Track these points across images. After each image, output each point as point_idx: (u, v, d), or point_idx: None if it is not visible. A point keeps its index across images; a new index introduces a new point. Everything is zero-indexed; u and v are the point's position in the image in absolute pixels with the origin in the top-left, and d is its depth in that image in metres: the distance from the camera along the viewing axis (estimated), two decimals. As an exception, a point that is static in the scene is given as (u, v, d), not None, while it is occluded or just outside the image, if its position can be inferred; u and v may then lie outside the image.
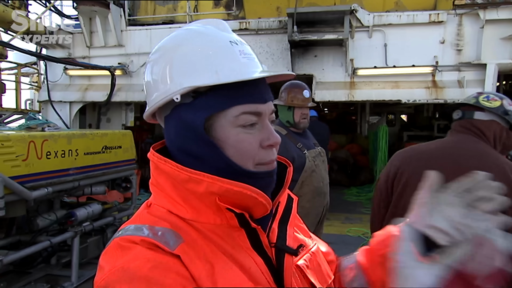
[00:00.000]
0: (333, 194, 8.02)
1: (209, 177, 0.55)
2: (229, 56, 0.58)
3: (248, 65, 0.59)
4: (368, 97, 6.19)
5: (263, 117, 0.60)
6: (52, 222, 3.33)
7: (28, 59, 8.53)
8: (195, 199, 0.58)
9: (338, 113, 13.77)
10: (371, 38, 6.16)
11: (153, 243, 0.51)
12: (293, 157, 2.12)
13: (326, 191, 2.33)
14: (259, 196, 0.57)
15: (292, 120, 2.27)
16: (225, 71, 0.57)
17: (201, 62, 0.57)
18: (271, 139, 0.60)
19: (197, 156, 0.59)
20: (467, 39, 5.85)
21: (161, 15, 7.90)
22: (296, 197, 0.74)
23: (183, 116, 0.59)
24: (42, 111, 7.45)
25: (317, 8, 6.03)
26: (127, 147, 4.22)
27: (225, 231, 0.58)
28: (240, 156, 0.58)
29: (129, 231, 0.55)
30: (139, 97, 6.93)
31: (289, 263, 0.61)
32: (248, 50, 0.62)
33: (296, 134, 2.30)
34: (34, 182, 2.88)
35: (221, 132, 0.58)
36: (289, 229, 0.66)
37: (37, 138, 2.95)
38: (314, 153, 2.28)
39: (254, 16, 6.82)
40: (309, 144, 2.32)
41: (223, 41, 0.60)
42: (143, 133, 9.02)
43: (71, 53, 7.27)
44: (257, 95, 0.59)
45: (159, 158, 0.60)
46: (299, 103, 2.24)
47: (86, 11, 6.70)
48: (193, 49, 0.59)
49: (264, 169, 0.61)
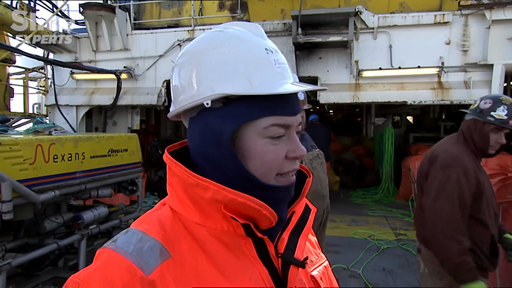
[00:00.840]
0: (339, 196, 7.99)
1: (215, 185, 0.55)
2: (264, 65, 0.56)
3: (282, 76, 0.57)
4: (373, 98, 6.16)
5: (291, 129, 0.59)
6: (59, 225, 3.35)
7: (35, 63, 8.63)
8: (204, 204, 0.57)
9: (344, 115, 13.72)
10: (376, 39, 6.14)
11: (131, 265, 0.51)
12: None
13: (325, 194, 2.31)
14: (263, 209, 0.56)
15: None
16: (259, 81, 0.54)
17: (234, 68, 0.55)
18: (297, 152, 0.59)
19: (215, 163, 0.58)
20: (473, 40, 5.81)
21: (166, 18, 7.96)
22: (315, 208, 0.72)
23: (210, 121, 0.57)
24: (49, 115, 7.53)
25: (321, 10, 6.03)
26: (133, 150, 4.24)
27: (232, 238, 0.58)
28: (263, 168, 0.57)
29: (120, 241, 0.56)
30: (144, 100, 6.98)
31: (293, 275, 0.60)
32: (282, 59, 0.60)
33: None
34: (41, 185, 2.91)
35: (248, 143, 0.56)
36: (300, 240, 0.64)
37: (44, 142, 2.98)
38: (311, 156, 2.28)
39: (259, 19, 6.84)
40: (306, 147, 2.26)
41: (259, 48, 0.57)
42: (149, 136, 9.07)
43: (78, 57, 7.35)
44: (288, 108, 0.58)
45: (171, 160, 0.59)
46: None
47: (92, 15, 6.77)
48: (227, 53, 0.56)
49: (283, 182, 0.60)
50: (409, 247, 4.62)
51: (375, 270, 3.98)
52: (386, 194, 7.97)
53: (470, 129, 1.81)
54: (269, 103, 0.56)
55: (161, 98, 6.92)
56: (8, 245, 3.04)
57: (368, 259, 4.24)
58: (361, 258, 4.24)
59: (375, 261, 4.23)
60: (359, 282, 3.70)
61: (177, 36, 6.94)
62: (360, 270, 3.92)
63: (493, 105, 1.74)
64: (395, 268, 4.04)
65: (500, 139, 1.73)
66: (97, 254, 0.56)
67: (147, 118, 9.35)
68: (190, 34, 6.87)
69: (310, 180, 0.68)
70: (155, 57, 7.02)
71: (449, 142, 1.91)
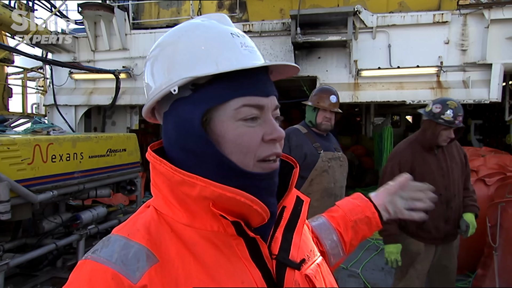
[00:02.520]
0: (338, 196, 7.92)
1: (202, 180, 0.52)
2: (229, 47, 0.56)
3: (249, 57, 0.57)
4: (372, 98, 6.16)
5: (265, 111, 0.57)
6: (58, 225, 3.35)
7: (34, 63, 8.61)
8: (191, 203, 0.54)
9: (343, 115, 13.68)
10: (375, 39, 6.14)
11: (117, 275, 0.48)
12: (304, 154, 2.28)
13: (338, 194, 2.35)
14: (254, 203, 0.53)
15: (314, 121, 2.42)
16: (225, 62, 0.54)
17: (200, 53, 0.55)
18: (274, 133, 0.56)
19: (196, 153, 0.55)
20: (472, 39, 5.81)
21: (165, 18, 7.95)
22: (308, 198, 0.70)
23: (181, 110, 0.56)
24: (48, 115, 7.52)
25: (320, 10, 6.02)
26: (132, 150, 4.24)
27: (222, 239, 0.54)
28: (240, 152, 0.54)
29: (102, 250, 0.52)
30: (143, 100, 6.91)
31: (290, 279, 0.57)
32: (249, 42, 0.59)
33: (317, 135, 2.44)
34: (39, 185, 2.90)
35: (221, 127, 0.54)
36: (295, 237, 0.61)
37: (42, 142, 2.97)
38: (331, 155, 2.36)
39: (258, 18, 6.83)
40: (328, 146, 2.42)
41: (223, 33, 0.57)
42: (148, 136, 9.05)
43: (76, 57, 7.33)
44: (259, 88, 0.56)
45: (155, 158, 0.56)
46: (324, 106, 2.38)
47: (90, 15, 6.76)
48: (192, 41, 0.56)
49: (265, 169, 0.56)
50: (408, 247, 4.62)
51: (374, 270, 3.98)
52: (385, 194, 7.94)
53: (425, 127, 2.32)
54: (237, 84, 0.55)
55: (160, 98, 6.90)
56: (6, 245, 3.04)
57: (367, 258, 4.24)
58: (360, 258, 4.24)
59: (374, 260, 4.23)
60: (358, 281, 3.70)
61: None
62: (359, 269, 3.92)
63: (442, 109, 2.21)
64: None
65: (450, 134, 2.22)
66: (77, 266, 0.52)
67: (146, 118, 9.32)
68: (189, 33, 6.86)
69: (297, 171, 0.66)
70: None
71: (405, 139, 2.55)
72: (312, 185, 2.29)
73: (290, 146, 2.34)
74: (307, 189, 2.26)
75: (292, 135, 2.40)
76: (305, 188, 2.26)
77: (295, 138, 2.37)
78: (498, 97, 5.52)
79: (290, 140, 2.36)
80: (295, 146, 2.34)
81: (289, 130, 2.46)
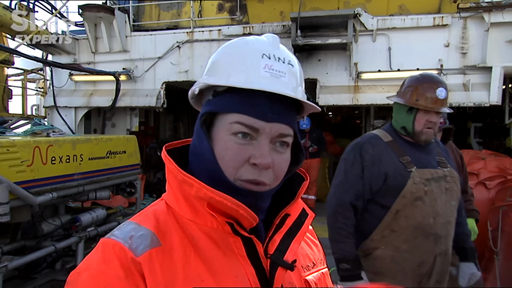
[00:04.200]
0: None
1: (197, 182, 0.57)
2: (250, 65, 0.58)
3: (266, 80, 0.57)
4: (372, 101, 6.16)
5: (261, 134, 0.58)
6: (57, 227, 3.33)
7: (34, 65, 8.62)
8: (193, 200, 0.60)
9: (343, 117, 13.72)
10: (375, 42, 6.14)
11: (123, 248, 0.55)
12: (385, 173, 1.62)
13: (441, 234, 1.61)
14: (240, 208, 0.56)
15: (410, 127, 1.65)
16: (236, 77, 0.58)
17: (222, 65, 0.61)
18: (258, 158, 0.57)
19: (198, 154, 0.61)
20: (472, 42, 5.81)
21: (165, 20, 7.96)
22: (313, 213, 0.70)
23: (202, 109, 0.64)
24: (48, 117, 7.51)
25: (320, 13, 6.03)
26: (132, 152, 4.23)
27: (221, 236, 0.59)
28: (223, 162, 0.58)
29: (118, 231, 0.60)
30: (143, 102, 6.96)
31: (280, 277, 0.60)
32: (280, 67, 0.59)
33: (409, 144, 1.70)
34: (39, 187, 2.89)
35: (216, 134, 0.59)
36: (293, 244, 0.63)
37: (42, 144, 2.96)
38: (430, 175, 1.63)
39: (258, 21, 6.84)
40: (425, 161, 1.67)
41: (255, 52, 0.59)
42: (148, 138, 9.05)
43: (76, 59, 7.33)
44: (260, 111, 0.57)
45: (166, 156, 0.62)
46: (427, 105, 1.61)
47: (91, 17, 6.76)
48: (224, 54, 0.63)
49: (244, 186, 0.58)
50: (408, 250, 4.60)
51: (374, 273, 3.96)
52: (385, 196, 7.94)
53: None
54: (241, 101, 0.58)
55: (160, 100, 6.90)
56: (5, 247, 3.02)
57: (367, 261, 4.22)
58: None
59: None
60: (358, 285, 3.68)
61: (176, 38, 6.93)
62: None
63: None
64: (394, 271, 4.02)
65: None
66: (96, 245, 0.60)
67: (146, 120, 9.33)
68: (189, 36, 6.87)
69: (307, 183, 0.67)
70: (154, 59, 7.00)
71: None
72: (398, 219, 1.60)
73: (363, 162, 1.65)
74: (391, 224, 1.60)
75: (366, 147, 1.68)
76: (388, 223, 1.61)
77: (371, 150, 1.67)
78: (498, 100, 5.52)
79: (363, 153, 1.67)
80: (370, 162, 1.64)
81: (363, 138, 1.77)
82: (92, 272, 0.53)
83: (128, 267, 0.53)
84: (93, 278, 0.53)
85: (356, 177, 1.66)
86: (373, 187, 1.64)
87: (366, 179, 1.64)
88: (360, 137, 1.82)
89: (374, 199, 1.66)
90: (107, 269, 0.53)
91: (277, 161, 0.59)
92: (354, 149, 1.72)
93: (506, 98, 6.26)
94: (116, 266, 0.53)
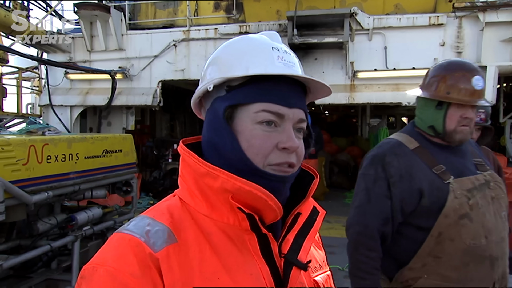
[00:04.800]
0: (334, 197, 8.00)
1: (224, 173, 0.56)
2: (264, 57, 0.60)
3: (282, 69, 0.60)
4: (368, 99, 6.19)
5: (285, 120, 0.60)
6: (53, 226, 3.32)
7: (29, 63, 8.56)
8: (212, 195, 0.59)
9: (339, 116, 13.77)
10: (371, 40, 6.17)
11: (140, 243, 0.54)
12: (419, 190, 1.31)
13: (496, 255, 1.31)
14: (269, 199, 0.56)
15: (441, 126, 1.36)
16: (254, 68, 0.59)
17: (237, 59, 0.61)
18: (287, 142, 0.59)
19: (218, 147, 0.61)
20: (467, 42, 5.86)
21: (161, 19, 7.94)
22: (324, 211, 0.70)
23: (214, 106, 0.62)
24: (43, 115, 7.47)
25: (317, 11, 6.05)
26: (128, 150, 4.22)
27: (236, 232, 0.59)
28: (250, 151, 0.58)
29: (130, 225, 0.58)
30: (139, 100, 6.94)
31: (295, 277, 0.60)
32: (289, 58, 0.63)
33: (441, 148, 1.39)
34: (34, 186, 2.87)
35: (241, 125, 0.59)
36: (306, 243, 0.64)
37: (38, 142, 2.95)
38: (470, 184, 1.33)
39: (254, 20, 6.84)
40: (461, 167, 1.37)
41: (264, 45, 0.62)
42: (144, 137, 9.02)
43: (72, 57, 7.30)
44: (282, 97, 0.59)
45: (185, 150, 0.62)
46: (462, 98, 1.32)
47: (86, 15, 6.73)
48: (234, 49, 0.63)
49: (275, 170, 0.59)
50: (403, 248, 4.64)
51: (370, 271, 3.99)
52: (381, 195, 7.98)
53: None
54: (263, 90, 0.59)
55: (156, 99, 6.89)
56: (0, 246, 3.01)
57: (363, 259, 4.25)
58: (356, 259, 4.24)
59: (370, 261, 4.24)
60: (354, 282, 3.70)
61: (172, 36, 6.91)
62: (355, 270, 3.93)
63: None
64: (390, 268, 4.05)
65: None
66: (108, 240, 0.59)
67: (142, 118, 9.31)
68: (185, 34, 6.85)
69: (317, 181, 0.68)
70: (150, 57, 6.99)
71: None
72: (442, 244, 1.29)
73: (389, 178, 1.35)
74: (433, 250, 1.30)
75: (389, 159, 1.37)
76: (430, 249, 1.30)
77: (396, 162, 1.35)
78: (492, 99, 5.57)
79: (386, 167, 1.36)
80: (398, 178, 1.34)
81: (383, 147, 1.44)
82: (108, 269, 0.52)
83: (146, 263, 0.52)
84: (109, 275, 0.51)
85: (381, 198, 1.34)
86: (406, 207, 1.32)
87: (395, 199, 1.33)
88: (378, 146, 1.49)
89: (408, 221, 1.34)
90: (123, 265, 0.52)
91: (300, 145, 0.62)
92: (374, 163, 1.40)
93: (500, 97, 6.32)
94: (132, 262, 0.52)
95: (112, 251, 0.55)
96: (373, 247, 1.33)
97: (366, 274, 1.32)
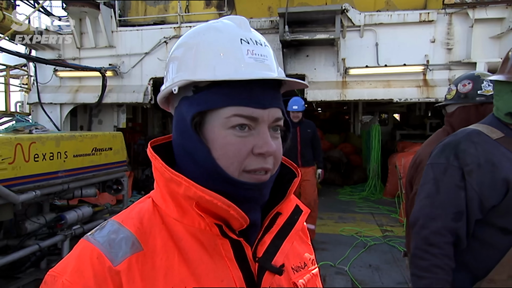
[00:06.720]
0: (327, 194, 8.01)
1: (186, 180, 0.54)
2: (233, 54, 0.55)
3: (253, 66, 0.55)
4: (360, 96, 6.21)
5: (260, 123, 0.56)
6: (41, 226, 3.27)
7: (17, 61, 8.42)
8: (181, 199, 0.57)
9: (331, 113, 13.82)
10: (362, 37, 6.19)
11: (101, 255, 0.53)
12: (504, 181, 1.11)
13: None
14: (230, 209, 0.54)
15: None
16: (223, 69, 0.54)
17: (203, 57, 0.56)
18: (263, 147, 0.55)
19: (189, 151, 0.57)
20: (457, 38, 5.91)
21: (152, 15, 7.85)
22: (308, 209, 0.67)
23: (183, 108, 0.58)
24: (32, 113, 7.36)
25: (308, 8, 6.04)
26: (118, 148, 4.18)
27: (208, 237, 0.56)
28: (225, 160, 0.55)
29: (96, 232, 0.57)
30: (130, 98, 6.87)
31: (267, 282, 0.57)
32: (260, 50, 0.57)
33: None
34: (21, 185, 2.83)
35: (211, 132, 0.56)
36: (285, 244, 0.61)
37: (24, 141, 2.90)
38: None
39: (246, 16, 6.66)
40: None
41: (232, 39, 0.57)
42: (136, 135, 8.94)
43: (61, 54, 7.20)
44: (255, 99, 0.55)
45: (151, 154, 0.59)
46: None
47: (75, 12, 6.63)
48: (200, 44, 0.57)
49: (251, 179, 0.56)
50: (395, 244, 4.67)
51: (362, 267, 4.01)
52: (373, 191, 8.04)
53: (462, 118, 1.59)
54: (232, 92, 0.55)
55: (147, 96, 6.82)
56: (-13, 247, 2.96)
57: (355, 255, 4.27)
58: (348, 255, 4.27)
59: (362, 257, 4.27)
60: (345, 278, 3.72)
61: (163, 33, 6.85)
62: (347, 267, 3.95)
63: (475, 84, 1.59)
64: (381, 264, 4.08)
65: None
66: (76, 246, 0.58)
67: (134, 116, 9.22)
68: (176, 31, 6.79)
69: (298, 180, 0.65)
70: (141, 55, 6.92)
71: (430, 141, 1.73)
72: None
73: (463, 167, 1.17)
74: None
75: (464, 145, 1.20)
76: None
77: (473, 150, 1.18)
78: (482, 95, 5.62)
79: (460, 154, 1.19)
80: (475, 166, 1.15)
81: (456, 136, 1.26)
82: (64, 282, 0.51)
83: (103, 277, 0.50)
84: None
85: (453, 188, 1.16)
86: (486, 201, 1.12)
87: (471, 190, 1.14)
88: (452, 135, 1.29)
89: (488, 219, 1.14)
90: (79, 279, 0.51)
91: (276, 146, 0.58)
92: (445, 150, 1.23)
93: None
94: (89, 276, 0.50)
95: (73, 261, 0.54)
96: (436, 243, 1.15)
97: (425, 272, 1.15)
